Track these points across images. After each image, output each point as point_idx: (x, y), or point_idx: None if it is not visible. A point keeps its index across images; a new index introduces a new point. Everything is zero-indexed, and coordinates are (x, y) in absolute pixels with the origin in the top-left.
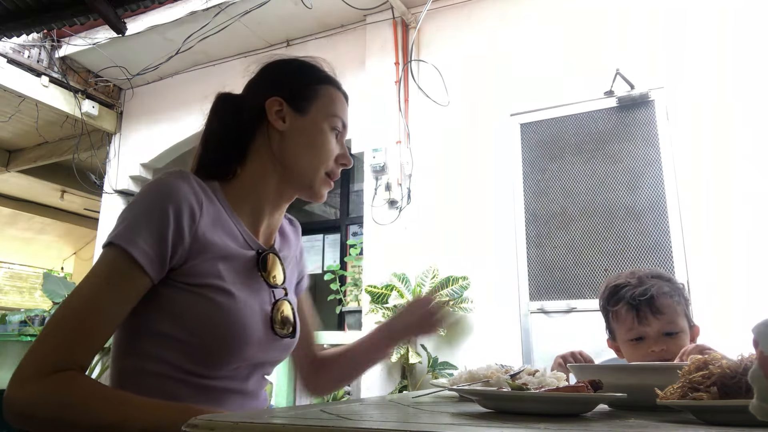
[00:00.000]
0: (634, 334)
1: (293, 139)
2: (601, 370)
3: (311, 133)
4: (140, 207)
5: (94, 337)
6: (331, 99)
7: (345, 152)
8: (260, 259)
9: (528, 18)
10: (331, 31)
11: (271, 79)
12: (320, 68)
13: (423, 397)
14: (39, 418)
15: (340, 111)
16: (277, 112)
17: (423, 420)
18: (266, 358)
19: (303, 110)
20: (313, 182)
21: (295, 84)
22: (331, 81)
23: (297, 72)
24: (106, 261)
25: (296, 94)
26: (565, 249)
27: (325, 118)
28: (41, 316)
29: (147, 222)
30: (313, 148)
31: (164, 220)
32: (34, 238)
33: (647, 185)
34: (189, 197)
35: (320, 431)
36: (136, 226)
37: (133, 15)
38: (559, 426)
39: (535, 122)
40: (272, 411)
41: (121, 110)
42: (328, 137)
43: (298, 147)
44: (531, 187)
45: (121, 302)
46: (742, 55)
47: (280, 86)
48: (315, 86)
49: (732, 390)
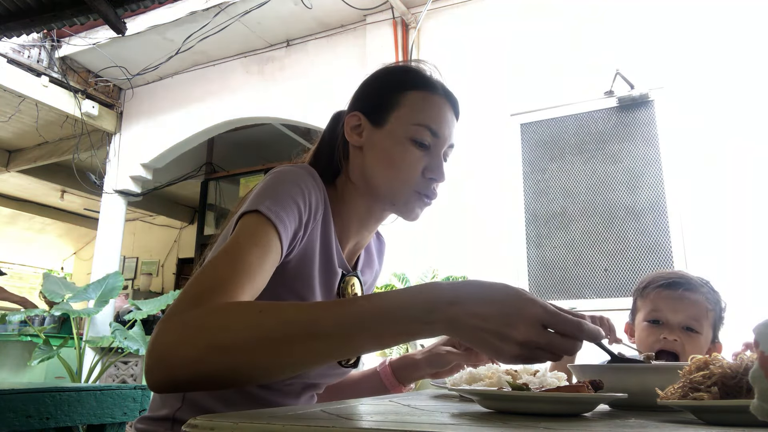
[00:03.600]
0: (655, 315)
1: (370, 154)
2: (601, 370)
3: (388, 146)
4: (280, 185)
5: (245, 282)
6: (415, 107)
7: (434, 165)
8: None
9: (528, 18)
10: (331, 31)
11: (359, 92)
12: (409, 72)
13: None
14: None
15: (428, 119)
16: (354, 127)
17: (423, 420)
18: (321, 381)
19: (380, 122)
20: (396, 200)
21: (374, 94)
22: (422, 85)
23: (379, 80)
24: (249, 225)
25: (374, 106)
26: (565, 249)
27: (405, 128)
28: (41, 316)
29: (287, 198)
30: (390, 162)
31: (302, 201)
32: (34, 238)
33: (647, 185)
34: (318, 192)
35: (320, 431)
36: (278, 199)
37: (133, 15)
38: (559, 426)
39: (535, 122)
40: (272, 411)
41: (121, 110)
42: (408, 149)
43: (375, 162)
44: (531, 187)
45: (264, 263)
46: (741, 55)
47: (362, 99)
48: (395, 94)
49: (733, 390)
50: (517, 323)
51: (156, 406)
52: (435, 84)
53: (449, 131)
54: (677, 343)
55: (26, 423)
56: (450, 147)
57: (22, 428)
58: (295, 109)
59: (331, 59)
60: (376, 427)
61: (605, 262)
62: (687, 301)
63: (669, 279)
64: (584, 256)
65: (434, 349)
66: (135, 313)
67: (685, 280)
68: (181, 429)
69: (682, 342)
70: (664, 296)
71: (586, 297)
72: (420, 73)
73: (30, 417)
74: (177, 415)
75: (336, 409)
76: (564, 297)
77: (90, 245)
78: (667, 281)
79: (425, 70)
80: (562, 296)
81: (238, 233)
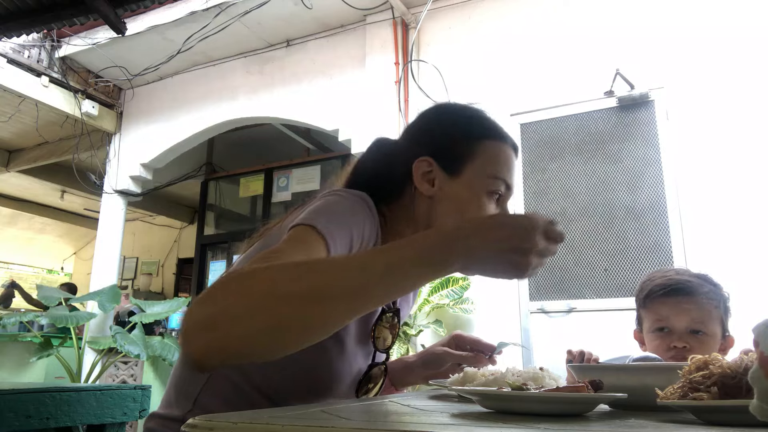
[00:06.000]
0: (659, 323)
1: (442, 205)
2: (601, 370)
3: (463, 199)
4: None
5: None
6: (491, 157)
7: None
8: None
9: (528, 18)
10: (331, 31)
11: (426, 134)
12: (481, 119)
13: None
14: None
15: (503, 171)
16: (424, 174)
17: (422, 420)
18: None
19: (455, 172)
20: None
21: (449, 140)
22: (494, 135)
23: (452, 125)
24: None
25: (449, 153)
26: (565, 249)
27: (482, 180)
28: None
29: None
30: (462, 214)
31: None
32: (34, 238)
33: (647, 185)
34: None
35: (320, 431)
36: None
37: (133, 15)
38: (559, 426)
39: (535, 122)
40: (272, 411)
41: (121, 110)
42: (483, 203)
43: (447, 213)
44: (531, 187)
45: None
46: (741, 55)
47: (432, 142)
48: (472, 142)
49: (732, 390)
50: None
51: (167, 404)
52: (504, 132)
53: (515, 180)
54: (688, 350)
55: (26, 423)
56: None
57: (22, 428)
58: (295, 109)
59: (331, 59)
60: (376, 427)
61: (605, 262)
62: (689, 306)
63: (667, 286)
64: (584, 256)
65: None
66: (139, 316)
67: (683, 285)
68: (181, 429)
69: (692, 346)
70: (666, 304)
71: (586, 297)
72: (490, 120)
73: (30, 417)
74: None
75: (336, 409)
76: (564, 297)
77: (90, 245)
78: (665, 289)
79: (492, 117)
80: (562, 296)
81: (285, 240)
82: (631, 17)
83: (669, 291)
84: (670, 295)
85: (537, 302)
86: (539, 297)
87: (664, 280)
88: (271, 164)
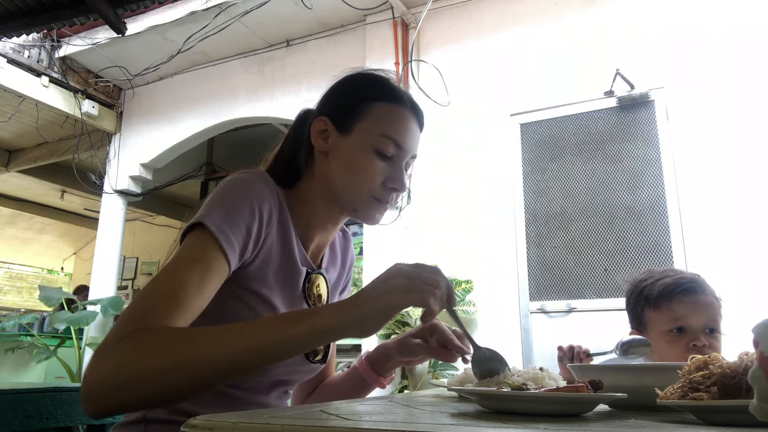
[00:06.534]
0: (677, 323)
1: (335, 160)
2: (601, 370)
3: (352, 154)
4: (229, 198)
5: (179, 305)
6: (381, 118)
7: (395, 176)
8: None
9: (528, 18)
10: (331, 31)
11: (326, 97)
12: (378, 83)
13: (422, 397)
14: (124, 379)
15: (392, 131)
16: (320, 132)
17: (423, 420)
18: (290, 378)
19: (346, 130)
20: (357, 205)
21: (342, 102)
22: (389, 98)
23: (347, 87)
24: (193, 243)
25: (342, 113)
26: (565, 249)
27: (370, 138)
28: (40, 319)
29: (235, 213)
30: (353, 170)
31: (251, 214)
32: (34, 238)
33: (647, 185)
34: (270, 199)
35: (320, 431)
36: (225, 214)
37: (133, 15)
38: (559, 426)
39: (535, 122)
40: (271, 411)
41: (121, 110)
42: (371, 160)
43: (339, 169)
44: (531, 187)
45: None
46: (741, 55)
47: (330, 104)
48: (363, 103)
49: (732, 390)
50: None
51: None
52: (401, 96)
53: (413, 143)
54: (707, 348)
55: (26, 423)
56: (412, 158)
57: (22, 428)
58: (295, 109)
59: (331, 59)
60: (376, 427)
61: (605, 262)
62: (705, 303)
63: (682, 284)
64: (584, 256)
65: (405, 339)
66: None
67: (697, 283)
68: (180, 429)
69: (710, 344)
70: (684, 303)
71: (586, 297)
72: (387, 83)
73: (30, 417)
74: (149, 415)
75: (336, 409)
76: (564, 297)
77: (90, 245)
78: (681, 287)
79: (392, 80)
80: (562, 296)
81: (180, 252)
82: (631, 17)
83: (687, 289)
84: (688, 294)
85: (537, 302)
86: (539, 297)
87: (675, 278)
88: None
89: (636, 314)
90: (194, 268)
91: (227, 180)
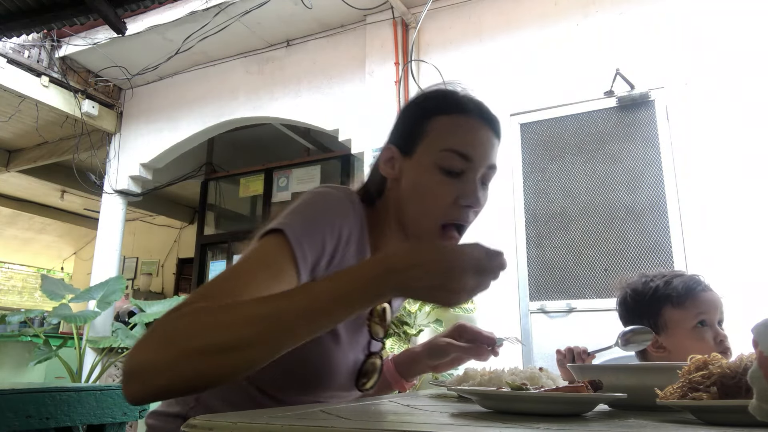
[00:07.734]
0: (701, 317)
1: (403, 186)
2: (601, 370)
3: (417, 176)
4: (313, 211)
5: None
6: (443, 132)
7: (468, 191)
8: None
9: (528, 18)
10: (331, 31)
11: (393, 124)
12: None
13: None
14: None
15: (456, 143)
16: (387, 160)
17: (423, 420)
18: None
19: (409, 152)
20: (421, 234)
21: (404, 124)
22: (451, 109)
23: (408, 110)
24: (268, 247)
25: (404, 136)
26: (565, 249)
27: (433, 155)
28: (41, 316)
29: (315, 228)
30: (420, 193)
31: (330, 232)
32: (34, 238)
33: (647, 185)
34: (352, 218)
35: (320, 431)
36: (306, 227)
37: (133, 15)
38: (558, 426)
39: (535, 122)
40: (272, 411)
41: (121, 110)
42: (437, 178)
43: (408, 194)
44: (531, 187)
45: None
46: (741, 55)
47: (395, 130)
48: (423, 121)
49: (732, 390)
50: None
51: (168, 401)
52: (465, 105)
53: (485, 152)
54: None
55: (26, 423)
56: (489, 169)
57: (22, 428)
58: (295, 109)
59: (331, 59)
60: (376, 427)
61: (605, 262)
62: (718, 299)
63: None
64: (584, 256)
65: (434, 341)
66: (139, 316)
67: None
68: (180, 429)
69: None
70: (706, 299)
71: (586, 297)
72: (450, 95)
73: (30, 417)
74: (189, 414)
75: (336, 409)
76: (564, 297)
77: (90, 245)
78: (701, 284)
79: (457, 92)
80: (562, 296)
81: (253, 253)
82: (631, 18)
83: (705, 286)
84: (707, 290)
85: (537, 302)
86: (539, 297)
87: (689, 276)
88: (271, 164)
89: (651, 316)
90: (263, 271)
91: (315, 191)
